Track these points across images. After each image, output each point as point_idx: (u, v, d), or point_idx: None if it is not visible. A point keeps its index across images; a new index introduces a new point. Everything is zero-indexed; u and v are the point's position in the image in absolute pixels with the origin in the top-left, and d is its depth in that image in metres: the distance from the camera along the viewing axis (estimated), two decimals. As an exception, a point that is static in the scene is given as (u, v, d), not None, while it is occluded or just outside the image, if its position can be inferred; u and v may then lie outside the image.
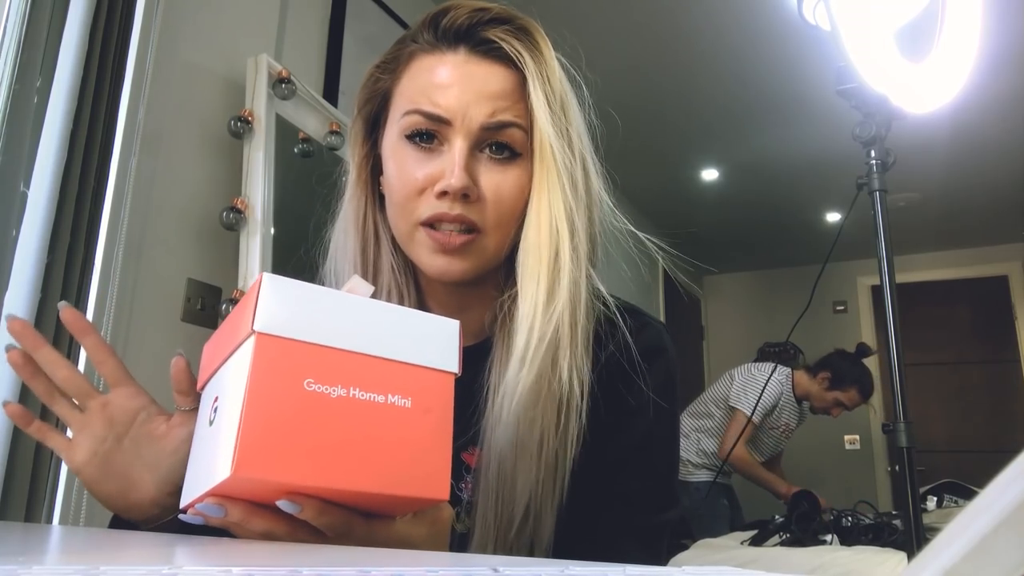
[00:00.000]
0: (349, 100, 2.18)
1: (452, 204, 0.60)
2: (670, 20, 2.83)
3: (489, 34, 0.62)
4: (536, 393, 0.58)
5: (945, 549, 0.16)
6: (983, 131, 3.48)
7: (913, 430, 1.36)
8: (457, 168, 0.59)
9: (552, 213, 0.61)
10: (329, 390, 0.39)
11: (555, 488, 0.59)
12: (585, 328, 0.61)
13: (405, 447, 0.41)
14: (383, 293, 0.66)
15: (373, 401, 0.41)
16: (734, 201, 4.59)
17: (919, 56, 1.40)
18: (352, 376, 0.40)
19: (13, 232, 1.21)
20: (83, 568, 0.29)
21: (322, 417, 0.39)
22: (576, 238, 0.61)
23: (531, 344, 0.58)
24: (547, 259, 0.60)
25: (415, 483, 0.41)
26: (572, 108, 0.64)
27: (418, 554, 0.40)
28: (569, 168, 0.62)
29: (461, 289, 0.66)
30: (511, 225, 0.62)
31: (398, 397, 0.41)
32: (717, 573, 0.25)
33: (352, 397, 0.40)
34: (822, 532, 2.17)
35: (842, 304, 5.40)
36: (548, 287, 0.60)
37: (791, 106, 3.39)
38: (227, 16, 1.82)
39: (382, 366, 0.42)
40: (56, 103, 1.26)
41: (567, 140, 0.62)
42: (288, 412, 0.38)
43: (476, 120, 0.61)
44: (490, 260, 0.63)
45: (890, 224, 1.46)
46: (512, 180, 0.62)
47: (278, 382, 0.38)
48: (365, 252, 0.67)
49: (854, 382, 2.94)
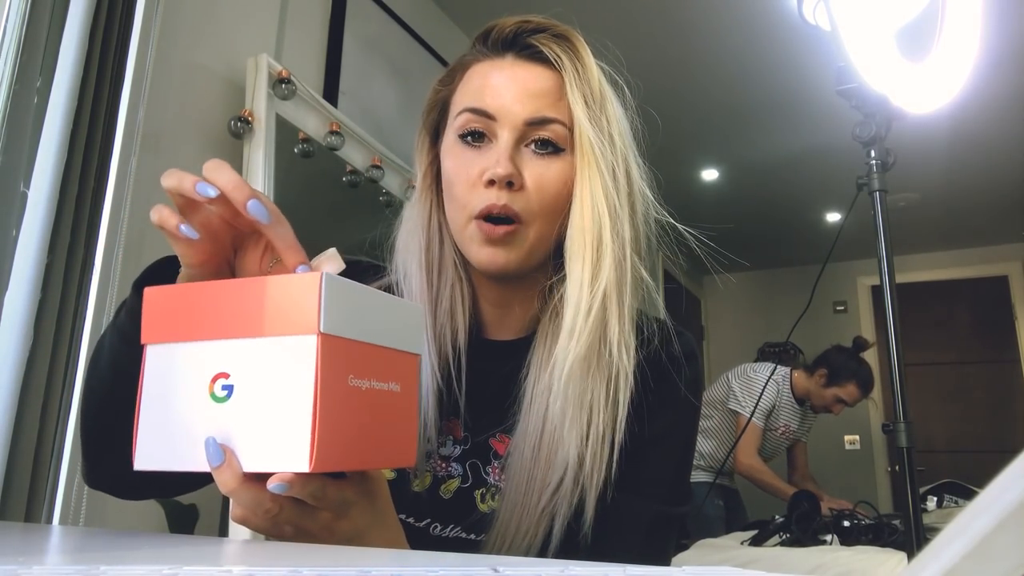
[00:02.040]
0: (349, 100, 2.18)
1: (499, 193, 0.64)
2: (670, 20, 2.83)
3: (532, 40, 0.68)
4: (586, 366, 0.62)
5: (945, 549, 0.16)
6: (983, 131, 3.48)
7: (913, 430, 1.36)
8: (503, 157, 0.64)
9: (594, 201, 0.65)
10: (361, 383, 0.43)
11: (604, 463, 0.62)
12: (631, 307, 0.65)
13: (394, 426, 0.46)
14: (447, 288, 0.70)
15: (381, 389, 0.45)
16: (734, 201, 4.59)
17: (919, 56, 1.40)
18: (372, 369, 0.44)
19: (13, 232, 1.21)
20: (83, 568, 0.29)
21: (356, 408, 0.43)
22: (618, 223, 0.65)
23: (579, 317, 0.62)
24: (591, 242, 0.64)
25: (398, 456, 0.47)
26: (612, 107, 0.69)
27: (418, 554, 0.40)
28: (610, 161, 0.66)
29: (510, 285, 0.70)
30: (554, 216, 0.66)
31: (392, 383, 0.46)
32: (717, 573, 0.26)
33: (371, 388, 0.44)
34: (822, 532, 2.17)
35: (842, 304, 5.40)
36: (593, 266, 0.64)
37: (791, 106, 3.39)
38: (227, 16, 1.82)
39: (385, 355, 0.46)
40: (56, 103, 1.26)
41: (607, 136, 0.66)
42: (338, 407, 0.41)
43: (520, 116, 0.66)
44: (533, 250, 0.67)
45: (890, 224, 1.45)
46: (555, 172, 0.66)
47: (334, 380, 0.41)
48: (430, 250, 0.71)
49: (852, 377, 2.89)
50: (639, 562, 0.62)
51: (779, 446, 3.11)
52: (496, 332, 0.73)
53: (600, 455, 0.62)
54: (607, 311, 0.63)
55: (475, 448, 0.69)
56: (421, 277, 0.70)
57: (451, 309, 0.69)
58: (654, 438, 0.67)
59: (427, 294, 0.69)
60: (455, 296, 0.70)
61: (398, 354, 0.47)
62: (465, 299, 0.71)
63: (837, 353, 2.97)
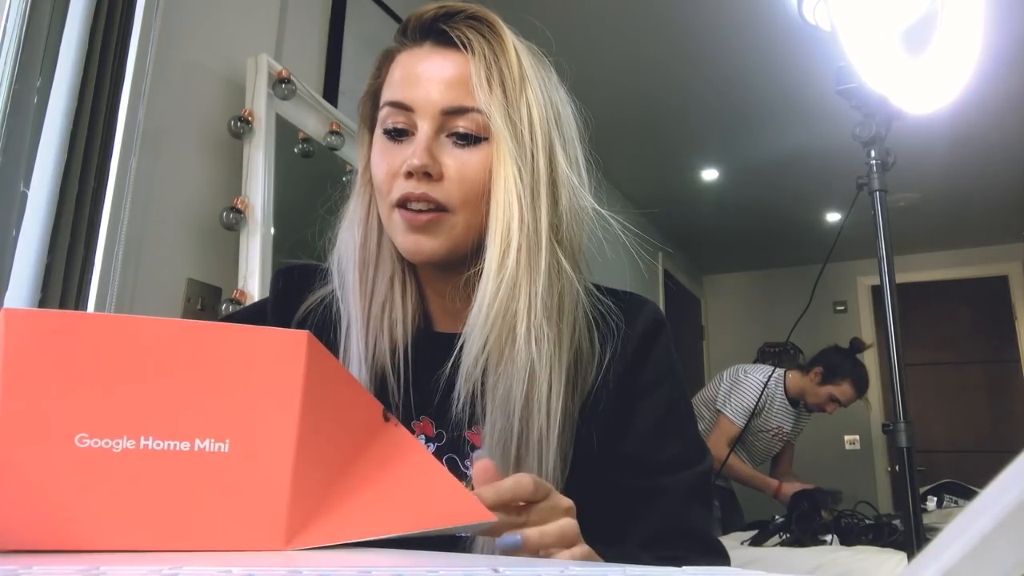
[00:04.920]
0: (349, 100, 2.18)
1: (417, 184, 0.64)
2: (669, 21, 2.83)
3: (446, 26, 0.67)
4: (497, 356, 0.61)
5: (945, 549, 0.16)
6: (983, 131, 3.48)
7: (913, 430, 1.35)
8: (419, 148, 0.63)
9: (506, 188, 0.63)
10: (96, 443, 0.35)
11: (559, 448, 0.62)
12: (545, 300, 0.63)
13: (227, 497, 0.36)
14: (383, 281, 0.69)
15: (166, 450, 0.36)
16: (734, 201, 4.59)
17: (919, 56, 1.40)
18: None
19: (13, 232, 1.21)
20: (83, 568, 0.29)
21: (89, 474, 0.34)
22: (532, 212, 0.64)
23: (483, 307, 0.62)
24: (500, 231, 0.63)
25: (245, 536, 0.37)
26: (534, 92, 0.66)
27: (418, 554, 0.40)
28: (527, 148, 0.64)
29: (451, 275, 0.69)
30: (478, 204, 0.65)
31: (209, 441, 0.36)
32: (717, 573, 0.26)
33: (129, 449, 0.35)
34: (822, 532, 2.17)
35: (842, 304, 5.40)
36: (500, 255, 0.63)
37: (791, 106, 3.39)
38: (227, 16, 1.82)
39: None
40: (56, 103, 1.26)
41: (525, 122, 0.65)
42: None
43: (437, 105, 0.65)
44: (461, 239, 0.66)
45: (890, 224, 1.45)
46: (476, 161, 0.65)
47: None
48: (366, 245, 0.70)
49: (847, 376, 2.88)
50: (699, 536, 0.66)
51: (771, 448, 3.08)
52: (444, 324, 0.72)
53: (553, 438, 0.62)
54: (514, 300, 0.62)
55: (450, 443, 0.68)
56: (354, 274, 0.69)
57: (389, 303, 0.68)
58: (662, 416, 0.68)
59: (359, 288, 0.68)
60: (394, 289, 0.69)
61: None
62: (408, 292, 0.70)
63: (834, 353, 2.96)
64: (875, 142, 1.48)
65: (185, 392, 0.35)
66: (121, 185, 1.39)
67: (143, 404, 0.35)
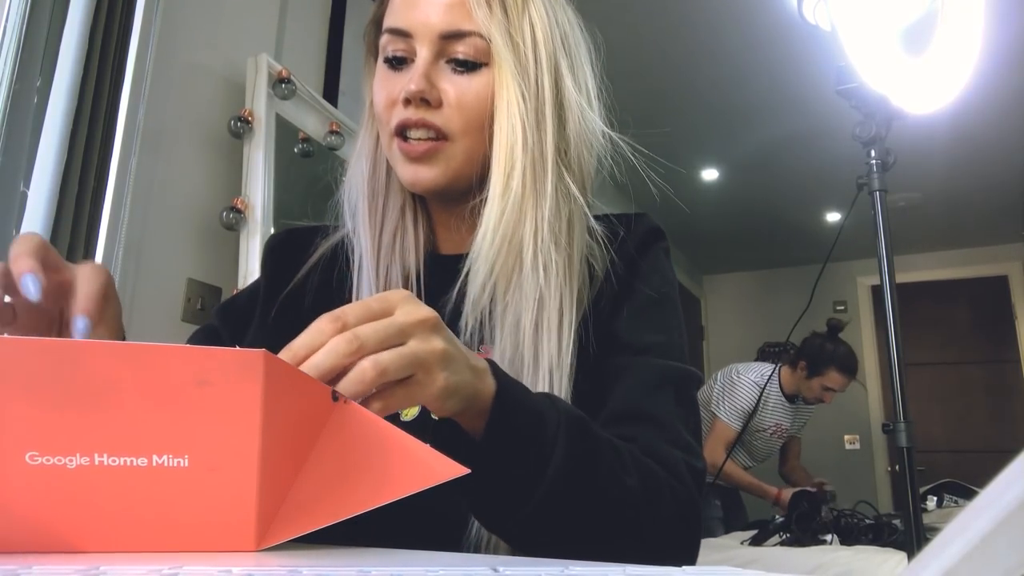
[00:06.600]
0: (349, 100, 2.18)
1: (415, 110, 0.62)
2: (670, 20, 2.83)
3: None
4: (506, 281, 0.61)
5: (945, 549, 0.16)
6: (983, 131, 3.48)
7: (913, 430, 1.35)
8: (416, 74, 0.62)
9: (509, 113, 0.62)
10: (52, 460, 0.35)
11: (568, 366, 0.60)
12: (552, 225, 0.62)
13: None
14: (393, 211, 0.69)
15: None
16: (734, 201, 4.59)
17: (919, 56, 1.40)
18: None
19: (13, 232, 1.21)
20: (83, 568, 0.29)
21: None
22: (536, 135, 0.62)
23: (487, 231, 0.61)
24: (504, 156, 0.62)
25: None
26: (538, 12, 0.65)
27: (418, 554, 0.40)
28: (530, 71, 0.63)
29: (456, 203, 0.68)
30: (480, 132, 0.63)
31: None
32: (717, 573, 0.26)
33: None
34: (822, 532, 2.17)
35: (842, 304, 5.40)
36: (505, 180, 0.62)
37: (791, 106, 3.39)
38: (227, 16, 1.82)
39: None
40: (56, 103, 1.26)
41: (527, 44, 0.63)
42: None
43: (435, 29, 0.63)
44: (462, 168, 0.64)
45: (890, 224, 1.45)
46: (476, 87, 0.63)
47: None
48: (375, 176, 0.70)
49: (830, 362, 2.80)
50: (663, 424, 0.59)
51: (772, 447, 3.05)
52: (451, 248, 0.71)
53: (565, 366, 0.60)
54: (520, 224, 0.61)
55: None
56: (364, 204, 0.68)
57: (400, 231, 0.68)
58: (648, 304, 0.66)
59: (368, 219, 0.68)
60: (405, 218, 0.68)
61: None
62: (420, 221, 0.69)
63: (812, 339, 2.87)
64: (875, 142, 1.48)
65: (140, 413, 0.35)
66: (121, 185, 1.39)
67: (96, 425, 0.34)
